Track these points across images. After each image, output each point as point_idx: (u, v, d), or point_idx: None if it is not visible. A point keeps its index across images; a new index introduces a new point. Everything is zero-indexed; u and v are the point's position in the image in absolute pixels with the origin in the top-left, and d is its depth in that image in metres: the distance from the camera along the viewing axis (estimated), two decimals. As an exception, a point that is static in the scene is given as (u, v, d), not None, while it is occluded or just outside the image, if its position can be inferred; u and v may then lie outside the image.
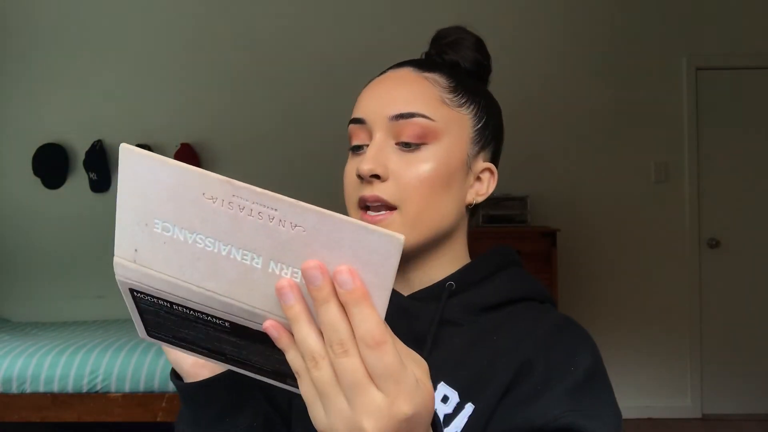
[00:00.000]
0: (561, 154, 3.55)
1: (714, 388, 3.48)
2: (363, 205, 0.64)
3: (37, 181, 3.61)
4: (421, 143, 0.64)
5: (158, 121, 3.63)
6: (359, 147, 0.67)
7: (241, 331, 0.39)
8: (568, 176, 3.54)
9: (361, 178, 0.63)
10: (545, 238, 3.03)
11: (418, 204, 0.63)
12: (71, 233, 3.61)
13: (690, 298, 3.50)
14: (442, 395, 0.61)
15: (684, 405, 3.49)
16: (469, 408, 0.60)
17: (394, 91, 0.65)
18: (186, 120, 3.63)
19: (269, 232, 0.34)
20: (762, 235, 3.51)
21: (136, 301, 0.40)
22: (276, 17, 3.63)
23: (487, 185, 0.70)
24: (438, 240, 0.67)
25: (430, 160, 0.64)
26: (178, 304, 0.38)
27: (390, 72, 0.69)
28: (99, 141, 3.57)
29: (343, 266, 0.34)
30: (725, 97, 3.54)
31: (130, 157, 0.35)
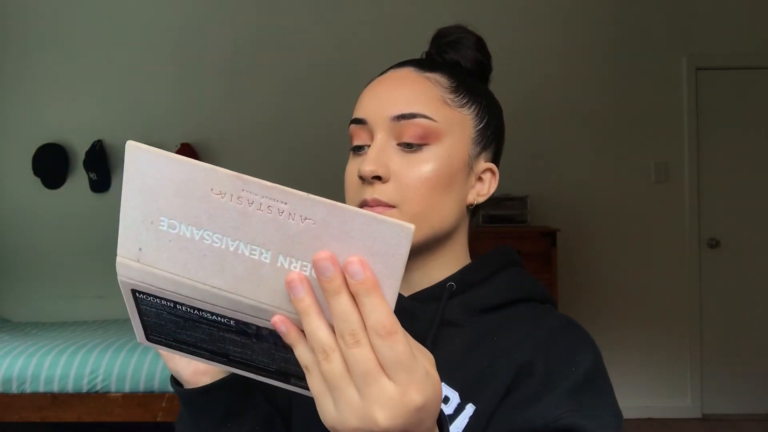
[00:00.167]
0: (561, 154, 3.55)
1: (714, 388, 3.48)
2: (363, 206, 0.64)
3: (37, 181, 3.61)
4: (422, 144, 0.63)
5: (158, 121, 3.63)
6: (360, 147, 0.66)
7: (246, 329, 0.38)
8: (568, 176, 3.54)
9: (362, 179, 0.63)
10: (545, 238, 3.03)
11: (419, 204, 0.62)
12: (71, 233, 3.61)
13: (690, 298, 3.50)
14: (443, 396, 0.61)
15: (684, 405, 3.48)
16: (469, 409, 0.59)
17: (395, 92, 0.65)
18: (186, 120, 3.63)
19: (278, 225, 0.34)
20: (762, 235, 3.51)
21: (137, 302, 0.39)
22: (276, 17, 3.63)
23: (489, 185, 0.70)
24: (439, 240, 0.66)
25: (431, 160, 0.63)
26: (182, 304, 0.38)
27: (391, 72, 0.69)
28: (99, 141, 3.57)
29: (353, 257, 0.34)
30: (725, 97, 3.54)
31: (137, 154, 0.34)
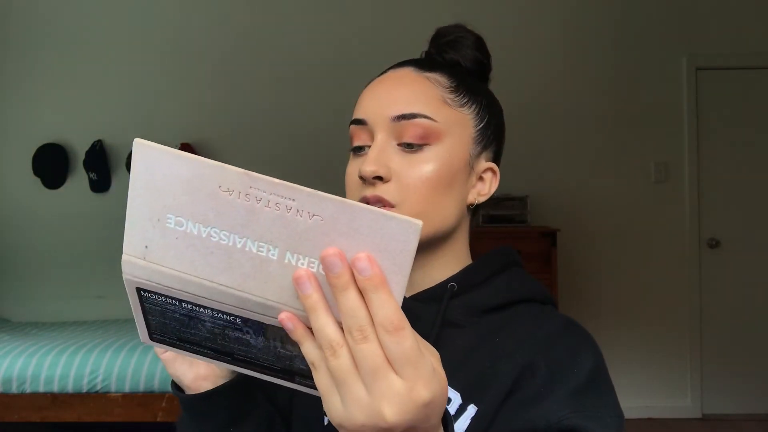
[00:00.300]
0: (561, 155, 3.54)
1: (714, 388, 3.48)
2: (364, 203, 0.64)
3: (37, 181, 3.61)
4: (423, 144, 0.63)
5: (158, 121, 3.63)
6: (361, 148, 0.66)
7: (252, 326, 0.38)
8: (568, 176, 3.54)
9: (363, 179, 0.63)
10: (545, 238, 3.03)
11: (420, 204, 0.62)
12: (71, 233, 3.61)
13: (690, 298, 3.50)
14: None
15: (684, 405, 3.48)
16: (471, 410, 0.59)
17: (395, 92, 0.65)
18: (186, 120, 3.63)
19: (286, 222, 0.34)
20: (762, 235, 3.51)
21: (141, 301, 0.39)
22: (276, 17, 3.63)
23: (489, 185, 0.70)
24: (440, 240, 0.66)
25: (432, 160, 0.63)
26: (187, 302, 0.38)
27: (390, 72, 0.69)
28: (99, 141, 3.57)
29: (361, 253, 0.34)
30: (725, 97, 3.54)
31: (144, 152, 0.34)
